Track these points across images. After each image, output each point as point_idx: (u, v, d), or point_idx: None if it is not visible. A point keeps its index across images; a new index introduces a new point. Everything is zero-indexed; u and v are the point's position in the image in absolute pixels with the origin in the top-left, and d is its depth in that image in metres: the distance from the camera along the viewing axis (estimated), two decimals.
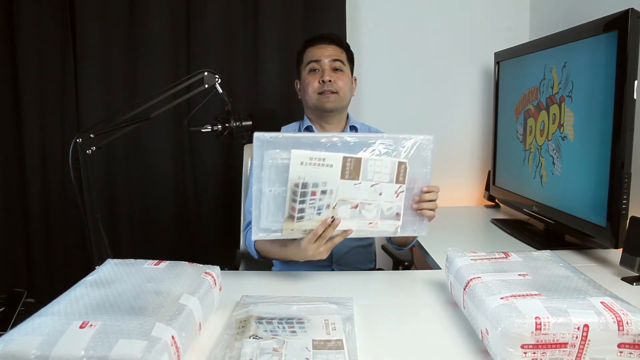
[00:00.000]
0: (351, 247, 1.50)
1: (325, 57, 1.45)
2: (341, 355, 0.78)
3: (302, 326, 0.87)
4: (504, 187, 1.90)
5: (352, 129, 1.53)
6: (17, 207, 1.99)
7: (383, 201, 1.06)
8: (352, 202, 1.04)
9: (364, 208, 1.05)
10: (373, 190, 1.04)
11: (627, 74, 1.17)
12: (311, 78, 1.45)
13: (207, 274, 0.94)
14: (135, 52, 1.98)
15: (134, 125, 1.15)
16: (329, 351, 0.79)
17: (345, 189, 1.02)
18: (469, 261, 0.97)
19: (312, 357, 0.77)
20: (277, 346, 0.80)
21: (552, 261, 0.97)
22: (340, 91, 1.45)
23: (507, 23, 2.16)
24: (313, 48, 1.48)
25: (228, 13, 1.99)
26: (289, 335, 0.84)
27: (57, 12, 1.92)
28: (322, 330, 0.86)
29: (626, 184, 1.19)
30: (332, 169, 1.00)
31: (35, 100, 1.95)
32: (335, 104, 1.45)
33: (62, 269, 2.02)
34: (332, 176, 1.00)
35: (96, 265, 0.97)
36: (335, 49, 1.48)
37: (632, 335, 0.71)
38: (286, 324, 0.88)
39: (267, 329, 0.86)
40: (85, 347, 0.65)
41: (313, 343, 0.81)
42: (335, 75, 1.45)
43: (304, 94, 1.49)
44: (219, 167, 2.07)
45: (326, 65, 1.45)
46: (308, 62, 1.47)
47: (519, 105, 1.77)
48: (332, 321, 0.89)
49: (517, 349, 0.72)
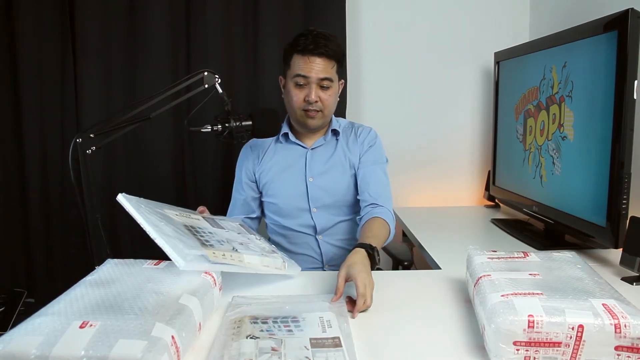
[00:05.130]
0: (341, 247, 1.49)
1: (313, 73, 1.34)
2: (340, 353, 0.78)
3: (298, 324, 0.87)
4: (504, 187, 1.90)
5: (333, 133, 1.49)
6: (17, 207, 1.99)
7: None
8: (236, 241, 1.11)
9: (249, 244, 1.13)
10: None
11: (627, 74, 1.17)
12: (297, 91, 1.38)
13: (207, 274, 0.94)
14: (135, 52, 1.98)
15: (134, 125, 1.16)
16: (327, 349, 0.79)
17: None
18: (485, 259, 0.98)
19: (312, 356, 0.77)
20: (275, 345, 0.80)
21: (570, 262, 0.96)
22: (326, 109, 1.40)
23: (507, 23, 2.16)
24: (301, 58, 1.35)
25: (228, 13, 1.99)
26: (285, 334, 0.84)
27: (57, 12, 1.92)
28: (318, 327, 0.86)
29: (626, 184, 1.19)
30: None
31: (35, 100, 1.95)
32: (318, 122, 1.42)
33: (62, 269, 2.02)
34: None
35: (96, 265, 0.98)
36: (325, 64, 1.35)
37: (629, 339, 0.71)
38: (281, 323, 0.88)
39: (262, 328, 0.86)
40: (85, 347, 0.65)
41: (311, 342, 0.81)
42: (322, 92, 1.38)
43: (287, 103, 1.43)
44: (219, 167, 2.07)
45: (314, 83, 1.36)
46: (295, 75, 1.36)
47: (519, 105, 1.77)
48: (327, 318, 0.90)
49: (510, 345, 0.73)
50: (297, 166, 1.47)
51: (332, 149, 1.48)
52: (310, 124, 1.42)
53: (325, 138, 1.49)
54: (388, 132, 1.59)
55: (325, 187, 1.45)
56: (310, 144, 1.49)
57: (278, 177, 1.47)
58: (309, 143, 1.49)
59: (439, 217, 2.00)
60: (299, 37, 1.37)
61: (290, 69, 1.38)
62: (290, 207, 1.46)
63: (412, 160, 2.19)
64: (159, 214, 1.01)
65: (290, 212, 1.47)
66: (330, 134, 1.49)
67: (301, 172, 1.46)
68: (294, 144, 1.49)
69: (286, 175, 1.46)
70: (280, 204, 1.47)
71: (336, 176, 1.45)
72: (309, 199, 1.45)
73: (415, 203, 2.22)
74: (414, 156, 2.19)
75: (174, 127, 2.02)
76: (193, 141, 2.04)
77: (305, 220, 1.46)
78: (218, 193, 2.08)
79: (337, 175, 1.45)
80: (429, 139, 2.21)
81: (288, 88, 1.40)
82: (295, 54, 1.36)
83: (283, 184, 1.46)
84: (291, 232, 1.48)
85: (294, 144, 1.49)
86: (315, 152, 1.48)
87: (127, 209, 0.95)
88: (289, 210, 1.46)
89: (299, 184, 1.45)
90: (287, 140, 1.50)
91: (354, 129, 1.52)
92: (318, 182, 1.45)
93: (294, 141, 1.49)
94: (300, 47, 1.35)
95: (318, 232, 1.47)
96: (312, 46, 1.34)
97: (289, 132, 1.49)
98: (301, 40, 1.35)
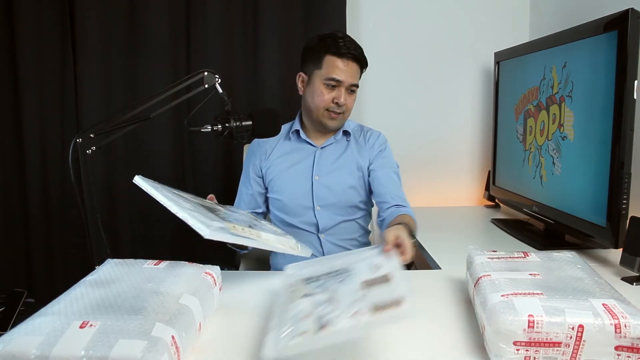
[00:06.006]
0: (343, 247, 1.49)
1: (348, 78, 1.37)
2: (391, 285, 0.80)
3: (349, 274, 0.90)
4: (504, 187, 1.90)
5: (344, 133, 1.51)
6: (17, 207, 1.99)
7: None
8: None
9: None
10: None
11: (627, 74, 1.17)
12: (326, 91, 1.39)
13: (207, 274, 0.94)
14: (135, 52, 1.98)
15: (134, 125, 1.15)
16: (379, 286, 0.81)
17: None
18: (486, 259, 0.98)
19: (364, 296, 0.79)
20: (329, 296, 0.82)
21: (570, 262, 0.96)
22: (347, 112, 1.44)
23: (507, 23, 2.16)
24: (338, 61, 1.36)
25: (228, 13, 1.99)
26: (337, 284, 0.86)
27: (57, 12, 1.92)
28: (369, 271, 0.89)
29: (626, 184, 1.19)
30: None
31: (35, 100, 1.95)
32: (339, 124, 1.45)
33: (62, 269, 2.02)
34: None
35: (96, 265, 0.97)
36: (356, 69, 1.40)
37: (629, 339, 0.71)
38: (333, 276, 0.91)
39: (316, 285, 0.88)
40: (85, 347, 0.65)
41: (362, 285, 0.83)
42: (349, 96, 1.41)
43: (310, 100, 1.43)
44: (219, 167, 2.07)
45: (345, 87, 1.38)
46: (329, 77, 1.37)
47: (519, 105, 1.77)
48: (376, 262, 0.92)
49: (510, 345, 0.73)
50: (304, 164, 1.48)
51: (342, 149, 1.49)
52: (331, 125, 1.44)
53: (336, 138, 1.50)
54: (388, 132, 1.59)
55: (330, 186, 1.45)
56: (321, 143, 1.49)
57: (284, 173, 1.48)
58: (319, 142, 1.50)
59: (439, 217, 2.00)
60: (335, 38, 1.37)
61: (323, 69, 1.38)
62: (295, 205, 1.47)
63: (412, 160, 2.19)
64: (175, 194, 1.05)
65: (294, 209, 1.47)
66: (341, 134, 1.50)
67: (308, 170, 1.47)
68: (303, 142, 1.50)
69: (293, 173, 1.47)
70: (285, 200, 1.48)
71: (342, 176, 1.46)
72: (314, 197, 1.45)
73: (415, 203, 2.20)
74: (414, 156, 2.19)
75: (174, 127, 2.02)
76: (193, 141, 2.04)
77: (309, 218, 1.47)
78: (218, 193, 2.07)
79: (343, 175, 1.47)
80: (429, 139, 2.21)
81: (315, 87, 1.40)
82: (330, 55, 1.37)
83: (289, 181, 1.47)
84: (294, 229, 1.48)
85: (303, 142, 1.50)
86: (324, 151, 1.49)
87: (145, 189, 0.99)
88: (293, 207, 1.47)
89: (305, 182, 1.46)
90: (297, 137, 1.50)
91: (363, 132, 1.54)
92: (324, 181, 1.46)
93: (304, 139, 1.49)
94: (342, 49, 1.35)
95: (320, 231, 1.47)
96: (352, 51, 1.36)
97: (300, 129, 1.49)
98: (340, 43, 1.35)
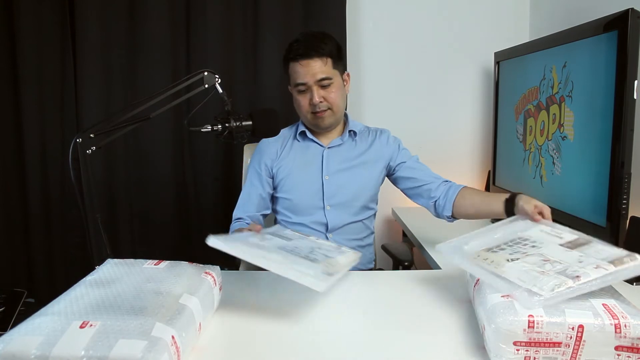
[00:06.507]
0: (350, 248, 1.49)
1: (309, 77, 1.36)
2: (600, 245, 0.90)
3: (537, 242, 0.95)
4: (504, 187, 1.90)
5: (350, 134, 1.51)
6: (17, 207, 1.99)
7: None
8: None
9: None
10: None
11: (627, 74, 1.17)
12: (301, 98, 1.41)
13: (207, 274, 0.94)
14: (135, 52, 1.98)
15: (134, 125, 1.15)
16: (587, 246, 0.90)
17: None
18: None
19: (586, 254, 0.86)
20: (541, 258, 0.87)
21: None
22: (333, 105, 1.41)
23: (507, 23, 2.16)
24: (295, 65, 1.38)
25: (228, 13, 1.99)
26: (530, 249, 0.92)
27: (57, 12, 1.92)
28: (555, 238, 0.96)
29: (626, 184, 1.19)
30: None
31: (35, 100, 1.95)
32: (330, 120, 1.44)
33: (62, 269, 2.02)
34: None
35: (96, 265, 0.97)
36: (318, 63, 1.36)
37: (629, 339, 0.71)
38: (517, 243, 0.96)
39: (510, 251, 0.92)
40: (85, 347, 0.65)
41: (568, 246, 0.91)
42: (325, 91, 1.39)
43: (296, 109, 1.46)
44: (219, 167, 2.07)
45: (313, 86, 1.37)
46: (295, 84, 1.40)
47: (519, 105, 1.77)
48: (545, 229, 1.02)
49: (510, 345, 0.73)
50: (314, 163, 1.48)
51: (350, 148, 1.50)
52: (322, 123, 1.44)
53: (343, 138, 1.50)
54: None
55: (340, 185, 1.46)
56: (327, 143, 1.50)
57: (295, 173, 1.48)
58: (325, 142, 1.50)
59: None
60: (290, 45, 1.40)
61: (291, 78, 1.42)
62: (305, 204, 1.47)
63: None
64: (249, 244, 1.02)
65: (304, 209, 1.47)
66: (348, 134, 1.51)
67: (317, 170, 1.47)
68: (311, 142, 1.50)
69: (303, 172, 1.48)
70: (295, 200, 1.48)
71: (352, 175, 1.47)
72: (324, 196, 1.46)
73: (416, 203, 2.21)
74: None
75: (174, 127, 2.02)
76: (193, 141, 2.04)
77: (318, 217, 1.47)
78: (218, 193, 2.08)
79: (352, 174, 1.47)
80: (429, 139, 2.21)
81: (294, 96, 1.44)
82: (290, 62, 1.40)
83: (299, 181, 1.47)
84: (302, 228, 1.48)
85: (311, 142, 1.50)
86: (331, 151, 1.49)
87: (223, 250, 0.95)
88: (303, 207, 1.47)
89: (315, 181, 1.47)
90: (304, 138, 1.51)
91: (371, 131, 1.54)
92: (334, 180, 1.46)
93: (311, 138, 1.49)
94: (292, 54, 1.38)
95: (329, 230, 1.47)
96: (301, 51, 1.36)
97: (306, 130, 1.50)
98: (293, 47, 1.38)
